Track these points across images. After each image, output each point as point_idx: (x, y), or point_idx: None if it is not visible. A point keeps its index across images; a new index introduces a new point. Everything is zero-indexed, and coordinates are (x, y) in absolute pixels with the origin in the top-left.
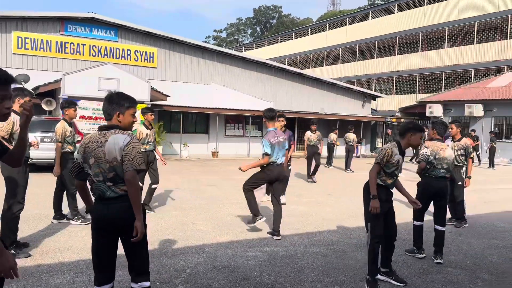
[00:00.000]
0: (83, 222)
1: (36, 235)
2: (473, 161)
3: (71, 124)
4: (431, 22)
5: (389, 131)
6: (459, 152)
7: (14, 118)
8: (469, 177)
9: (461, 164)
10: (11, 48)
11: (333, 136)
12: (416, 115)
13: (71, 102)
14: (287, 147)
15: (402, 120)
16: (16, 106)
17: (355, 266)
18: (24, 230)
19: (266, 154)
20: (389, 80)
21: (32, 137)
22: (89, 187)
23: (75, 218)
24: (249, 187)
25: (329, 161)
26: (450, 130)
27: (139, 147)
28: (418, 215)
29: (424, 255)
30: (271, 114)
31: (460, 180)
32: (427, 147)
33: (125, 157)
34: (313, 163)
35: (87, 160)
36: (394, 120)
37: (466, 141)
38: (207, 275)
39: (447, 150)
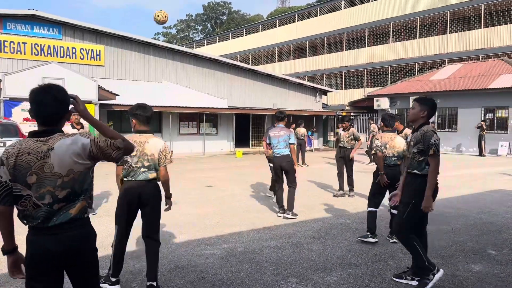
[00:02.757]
0: None
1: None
2: None
3: None
4: (376, 18)
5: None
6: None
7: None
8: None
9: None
10: None
11: (302, 130)
12: (364, 108)
13: None
14: (291, 141)
15: (352, 113)
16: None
17: (311, 257)
18: None
19: (268, 144)
20: (338, 75)
21: None
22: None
23: None
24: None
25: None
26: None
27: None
28: (374, 202)
29: (376, 240)
30: (280, 115)
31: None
32: (377, 139)
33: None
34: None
35: (22, 179)
36: (344, 113)
37: (406, 131)
38: (164, 276)
39: (396, 138)
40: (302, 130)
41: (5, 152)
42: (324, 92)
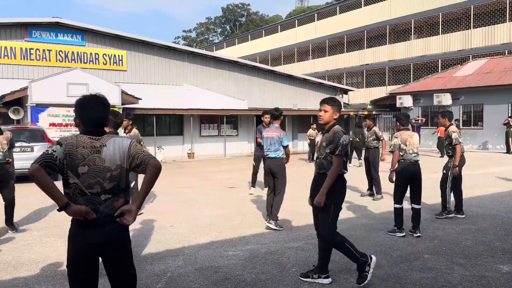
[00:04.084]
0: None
1: (10, 248)
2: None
3: None
4: (397, 14)
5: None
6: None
7: None
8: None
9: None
10: None
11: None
12: (387, 107)
13: None
14: (284, 144)
15: (374, 112)
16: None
17: (334, 259)
18: None
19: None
20: (359, 73)
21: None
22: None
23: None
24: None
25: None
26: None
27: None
28: (398, 198)
29: (404, 234)
30: (275, 113)
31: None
32: (396, 137)
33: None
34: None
35: (74, 168)
36: (366, 112)
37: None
38: (188, 277)
39: (414, 136)
40: (309, 131)
41: (63, 139)
42: (345, 91)
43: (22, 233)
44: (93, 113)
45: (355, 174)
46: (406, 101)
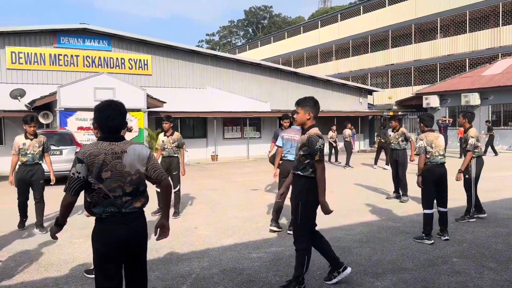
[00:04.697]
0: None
1: (40, 248)
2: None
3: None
4: (422, 13)
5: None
6: (465, 144)
7: None
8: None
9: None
10: (5, 64)
11: (348, 131)
12: (413, 107)
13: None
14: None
15: (399, 113)
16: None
17: (360, 262)
18: (27, 244)
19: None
20: (384, 73)
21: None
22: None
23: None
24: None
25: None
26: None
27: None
28: (428, 203)
29: (432, 241)
30: (292, 118)
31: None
32: (421, 139)
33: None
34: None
35: (97, 174)
36: (391, 113)
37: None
38: (213, 279)
39: (439, 138)
40: (347, 132)
41: (83, 151)
42: (370, 92)
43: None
44: (110, 119)
45: (380, 176)
46: (433, 101)
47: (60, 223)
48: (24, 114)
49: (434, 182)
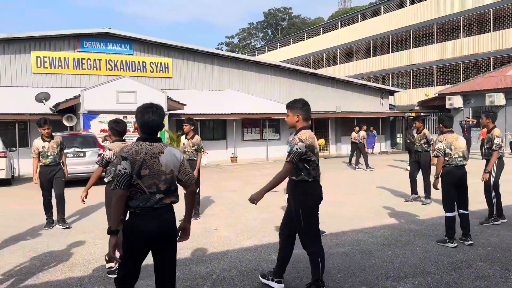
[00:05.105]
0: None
1: (64, 248)
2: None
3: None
4: (445, 12)
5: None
6: (487, 145)
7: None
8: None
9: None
10: (31, 68)
11: (362, 133)
12: (435, 108)
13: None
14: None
15: (422, 113)
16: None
17: (382, 265)
18: (52, 244)
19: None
20: (405, 74)
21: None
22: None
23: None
24: None
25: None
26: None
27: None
28: (449, 206)
29: (456, 244)
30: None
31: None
32: (440, 141)
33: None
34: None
35: (137, 171)
36: (413, 114)
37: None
38: (233, 280)
39: (459, 139)
40: (361, 133)
41: (127, 150)
42: (391, 93)
43: (76, 235)
44: (150, 120)
45: (403, 178)
46: (456, 101)
47: (113, 230)
48: (49, 117)
49: (454, 184)
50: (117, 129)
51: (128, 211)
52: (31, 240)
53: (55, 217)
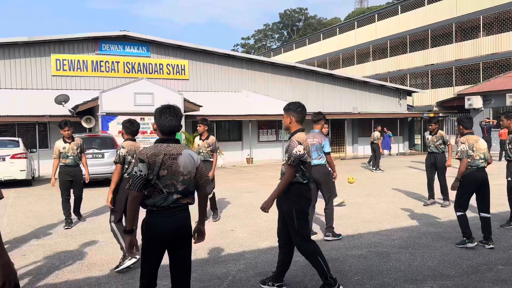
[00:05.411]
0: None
1: (83, 248)
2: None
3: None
4: (463, 11)
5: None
6: (510, 146)
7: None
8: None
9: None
10: (50, 70)
11: (376, 134)
12: (454, 108)
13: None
14: (326, 150)
15: (440, 114)
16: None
17: (399, 268)
18: (71, 244)
19: None
20: (423, 74)
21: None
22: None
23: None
24: None
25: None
26: (501, 122)
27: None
28: (461, 204)
29: (476, 243)
30: (313, 118)
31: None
32: (463, 143)
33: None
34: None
35: (156, 172)
36: (432, 114)
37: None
38: (249, 281)
39: (480, 140)
40: (376, 134)
41: (145, 152)
42: (409, 93)
43: (94, 235)
44: (168, 121)
45: (421, 180)
46: (476, 102)
47: (129, 229)
48: (69, 118)
49: (473, 186)
50: (131, 128)
51: (146, 210)
52: (50, 239)
53: (73, 216)
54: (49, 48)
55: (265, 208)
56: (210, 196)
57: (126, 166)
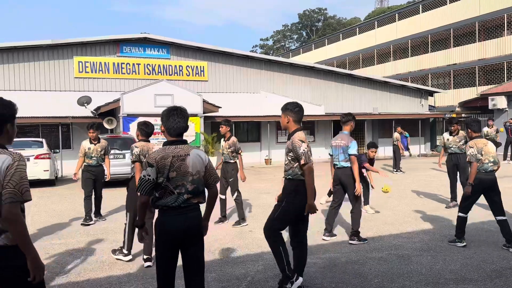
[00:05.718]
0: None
1: (105, 248)
2: None
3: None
4: (487, 10)
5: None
6: None
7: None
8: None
9: None
10: (73, 73)
11: (395, 135)
12: (478, 109)
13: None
14: (350, 152)
15: (463, 115)
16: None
17: (420, 271)
18: (93, 243)
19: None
20: (446, 74)
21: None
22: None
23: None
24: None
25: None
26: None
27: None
28: (464, 207)
29: (465, 244)
30: (342, 119)
31: None
32: (471, 147)
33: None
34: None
35: (166, 174)
36: (454, 115)
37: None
38: (267, 282)
39: (489, 144)
40: (394, 135)
41: (154, 157)
42: (430, 93)
43: (115, 235)
44: (176, 123)
45: (443, 182)
46: (500, 102)
47: (139, 224)
48: (90, 120)
49: (480, 190)
50: (146, 130)
51: (158, 210)
52: (73, 238)
53: (93, 214)
54: (72, 51)
55: (314, 209)
56: (236, 200)
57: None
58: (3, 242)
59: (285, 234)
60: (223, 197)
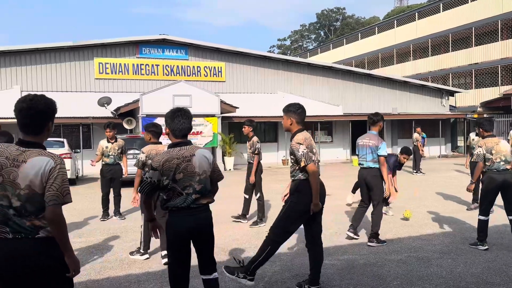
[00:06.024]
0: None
1: (125, 247)
2: None
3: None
4: (510, 8)
5: None
6: None
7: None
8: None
9: None
10: (94, 74)
11: (415, 135)
12: (500, 109)
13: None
14: (380, 153)
15: (485, 115)
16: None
17: (441, 274)
18: (112, 241)
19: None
20: (467, 73)
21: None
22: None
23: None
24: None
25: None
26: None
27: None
28: (483, 209)
29: (487, 247)
30: (370, 119)
31: None
32: (480, 146)
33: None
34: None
35: (172, 176)
36: (476, 116)
37: None
38: (285, 283)
39: (501, 142)
40: (414, 135)
41: (158, 160)
42: (451, 93)
43: (134, 234)
44: (181, 124)
45: (461, 184)
46: None
47: (148, 218)
48: (112, 120)
49: (494, 189)
50: (157, 131)
51: (168, 211)
52: (93, 237)
53: (110, 211)
54: (93, 52)
55: (315, 210)
56: (259, 200)
57: (147, 169)
58: (45, 234)
59: (291, 239)
60: (246, 196)
